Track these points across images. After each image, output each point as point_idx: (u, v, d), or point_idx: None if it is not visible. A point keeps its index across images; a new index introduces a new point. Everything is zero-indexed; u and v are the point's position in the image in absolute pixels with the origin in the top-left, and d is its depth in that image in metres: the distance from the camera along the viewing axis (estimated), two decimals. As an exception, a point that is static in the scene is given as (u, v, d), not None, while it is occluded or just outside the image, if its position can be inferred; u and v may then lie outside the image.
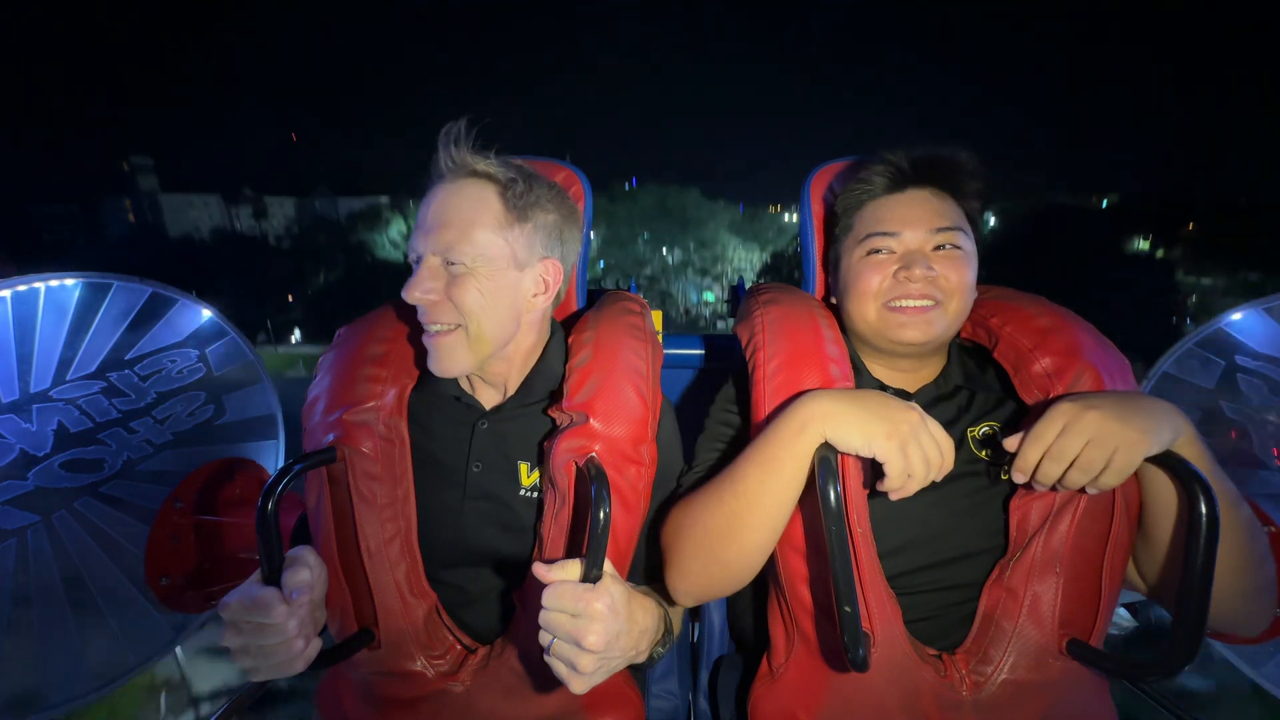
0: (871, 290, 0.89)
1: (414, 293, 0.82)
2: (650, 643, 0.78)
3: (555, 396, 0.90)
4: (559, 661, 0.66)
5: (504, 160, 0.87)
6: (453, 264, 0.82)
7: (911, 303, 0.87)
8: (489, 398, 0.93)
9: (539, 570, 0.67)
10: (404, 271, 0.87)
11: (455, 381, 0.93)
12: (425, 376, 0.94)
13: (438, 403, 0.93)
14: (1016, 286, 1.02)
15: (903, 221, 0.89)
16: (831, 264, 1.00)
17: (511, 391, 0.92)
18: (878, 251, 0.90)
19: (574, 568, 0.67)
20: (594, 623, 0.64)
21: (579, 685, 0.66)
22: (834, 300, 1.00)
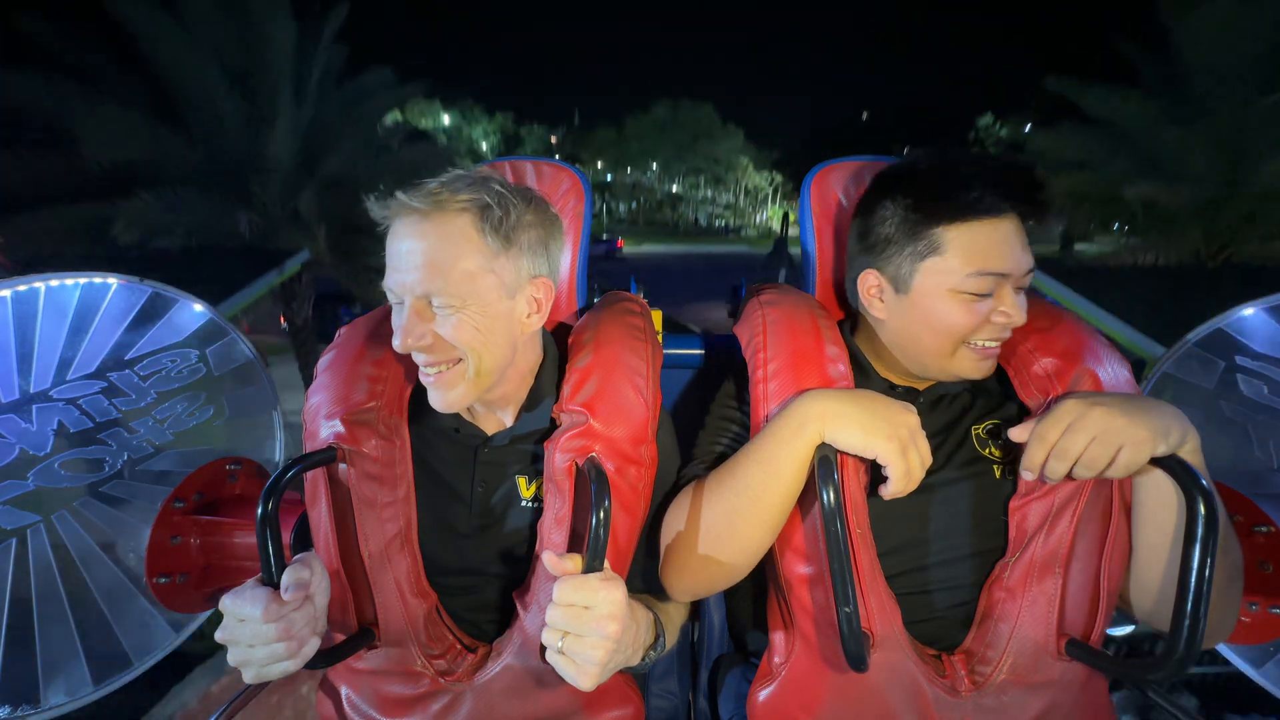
0: (963, 331, 0.82)
1: (406, 341, 0.77)
2: (645, 645, 0.78)
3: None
4: (567, 658, 0.65)
5: (472, 179, 0.79)
6: (440, 305, 0.77)
7: (994, 344, 0.84)
8: (489, 424, 0.92)
9: (549, 559, 0.68)
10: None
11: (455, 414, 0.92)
12: (422, 403, 0.91)
13: (437, 427, 0.93)
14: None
15: (1013, 262, 0.79)
16: (893, 275, 0.86)
17: (510, 422, 0.91)
18: (984, 295, 0.80)
19: (576, 562, 0.68)
20: (616, 610, 0.65)
21: (591, 680, 0.65)
22: (870, 312, 0.91)
